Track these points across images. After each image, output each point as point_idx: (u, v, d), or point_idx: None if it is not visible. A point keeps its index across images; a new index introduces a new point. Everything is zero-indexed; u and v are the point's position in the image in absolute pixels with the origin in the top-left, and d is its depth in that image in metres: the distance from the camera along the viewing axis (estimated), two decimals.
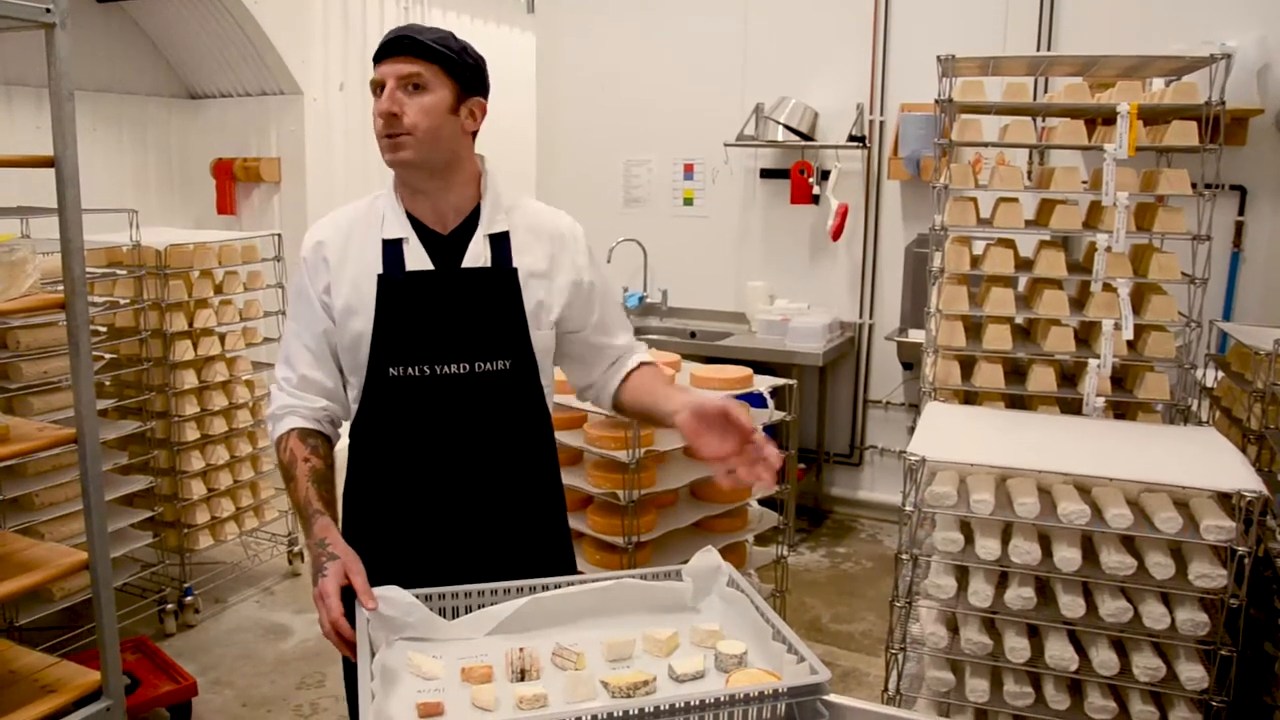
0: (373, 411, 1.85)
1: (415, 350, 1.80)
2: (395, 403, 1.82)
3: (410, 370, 1.80)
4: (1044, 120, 3.58)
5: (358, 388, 1.86)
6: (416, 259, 1.82)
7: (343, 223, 1.88)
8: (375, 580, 1.65)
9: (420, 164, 1.78)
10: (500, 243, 1.85)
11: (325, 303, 1.84)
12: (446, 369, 1.81)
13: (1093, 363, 2.85)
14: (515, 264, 1.85)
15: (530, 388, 1.88)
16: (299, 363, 1.87)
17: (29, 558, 2.45)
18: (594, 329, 1.96)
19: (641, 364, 1.99)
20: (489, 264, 1.83)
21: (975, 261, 3.07)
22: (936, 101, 3.00)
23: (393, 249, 1.82)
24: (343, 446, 1.93)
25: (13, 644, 2.59)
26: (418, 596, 1.60)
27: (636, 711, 1.29)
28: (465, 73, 1.79)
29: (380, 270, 1.81)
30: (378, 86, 1.76)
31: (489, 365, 1.82)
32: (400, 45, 1.74)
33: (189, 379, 3.93)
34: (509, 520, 1.91)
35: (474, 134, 1.85)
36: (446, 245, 1.84)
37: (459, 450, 1.84)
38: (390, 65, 1.74)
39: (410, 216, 1.84)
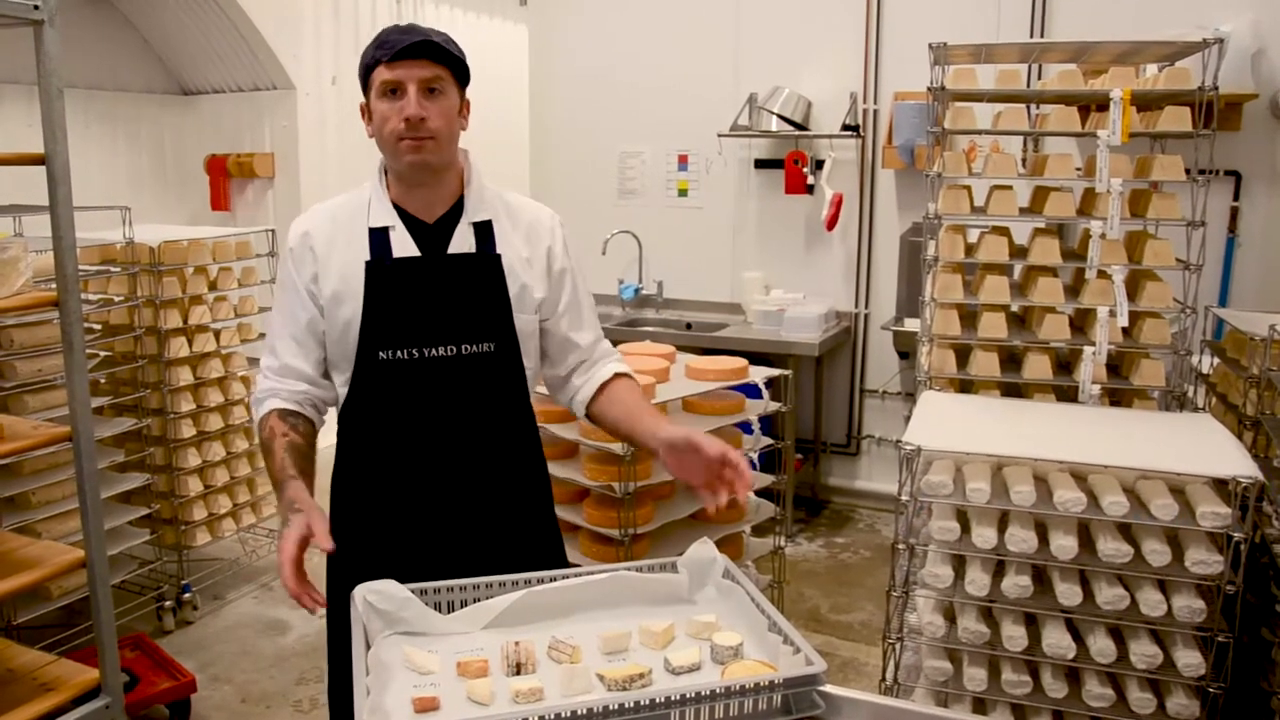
0: (362, 396, 1.89)
1: (404, 334, 1.84)
2: (385, 386, 1.86)
3: (399, 353, 1.84)
4: (1037, 107, 3.57)
5: (346, 374, 1.89)
6: (403, 246, 1.86)
7: (328, 214, 1.92)
8: (365, 566, 1.65)
9: (436, 164, 1.84)
10: (484, 230, 1.90)
11: (312, 292, 1.88)
12: (434, 351, 1.85)
13: (1088, 350, 2.85)
14: (499, 250, 1.90)
15: (513, 370, 1.93)
16: (283, 352, 1.91)
17: (26, 556, 2.45)
18: (561, 319, 1.99)
19: (617, 375, 2.01)
20: (474, 250, 1.88)
21: (970, 250, 3.07)
22: (929, 89, 2.99)
23: (380, 236, 1.86)
24: (331, 437, 1.95)
25: (11, 642, 2.60)
26: (413, 591, 1.60)
27: (632, 704, 1.29)
28: (465, 73, 1.87)
29: (368, 257, 1.85)
30: (390, 87, 1.78)
31: (474, 347, 1.87)
32: (421, 49, 1.77)
33: (184, 376, 3.92)
34: (496, 500, 1.95)
35: None
36: (432, 233, 1.88)
37: (446, 431, 1.88)
38: (409, 68, 1.77)
39: (396, 206, 1.88)
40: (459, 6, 6.75)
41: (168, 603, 3.95)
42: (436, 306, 1.85)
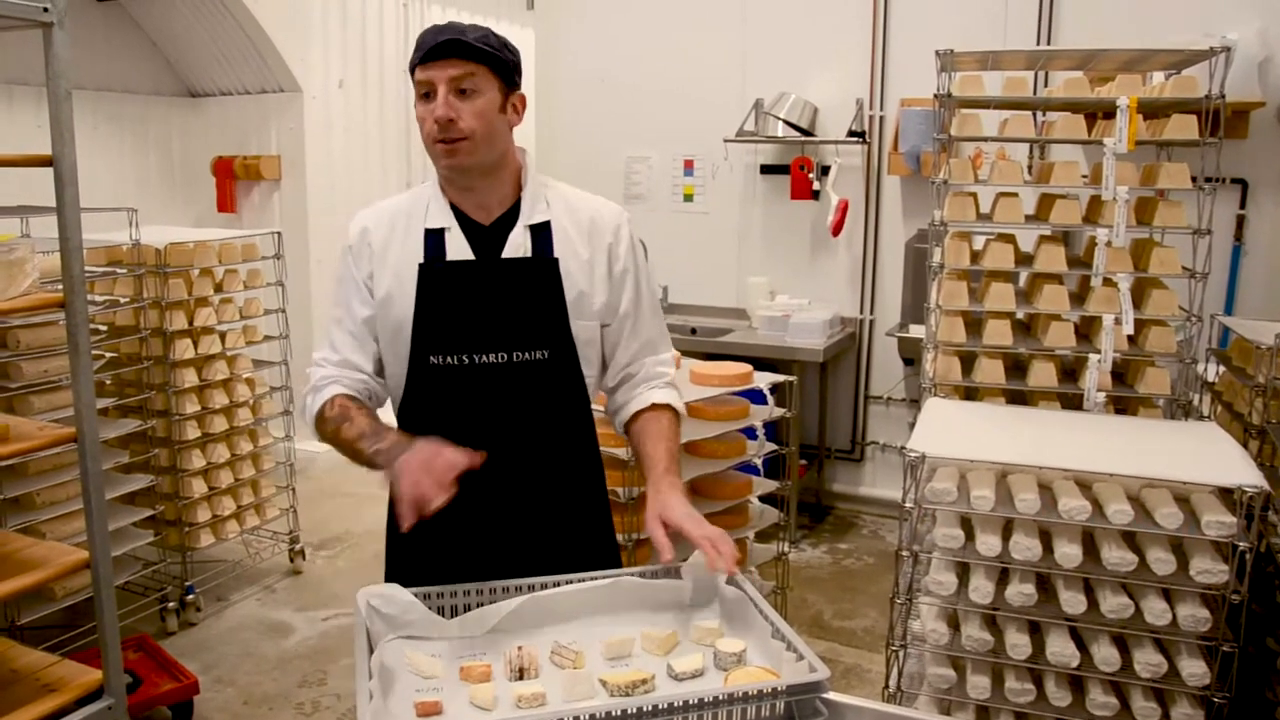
0: (416, 399, 1.87)
1: (454, 339, 1.81)
2: (436, 391, 1.83)
3: (450, 359, 1.82)
4: (1044, 115, 3.57)
5: (400, 376, 1.87)
6: (458, 248, 1.83)
7: (387, 211, 1.90)
8: (424, 569, 1.65)
9: (474, 167, 1.80)
10: (541, 233, 1.86)
11: (369, 288, 1.86)
12: (485, 358, 1.82)
13: (1093, 358, 2.84)
14: (556, 254, 1.85)
15: (570, 378, 1.88)
16: (341, 347, 1.88)
17: (30, 557, 2.45)
18: (621, 323, 1.93)
19: (655, 405, 1.94)
20: (529, 254, 1.84)
21: (975, 257, 3.07)
22: (935, 96, 2.99)
23: (435, 238, 1.83)
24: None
25: (14, 643, 2.59)
26: (417, 595, 1.60)
27: (635, 710, 1.29)
28: (509, 69, 1.82)
29: (422, 259, 1.82)
30: (424, 89, 1.75)
31: (527, 355, 1.83)
32: (449, 48, 1.73)
33: (189, 377, 3.93)
34: (551, 509, 1.90)
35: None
36: (488, 235, 1.85)
37: (499, 439, 1.83)
38: (439, 68, 1.73)
39: (454, 207, 1.86)
40: (465, 10, 6.76)
41: (171, 604, 3.95)
42: (487, 312, 1.81)
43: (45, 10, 2.14)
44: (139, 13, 5.59)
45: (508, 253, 1.83)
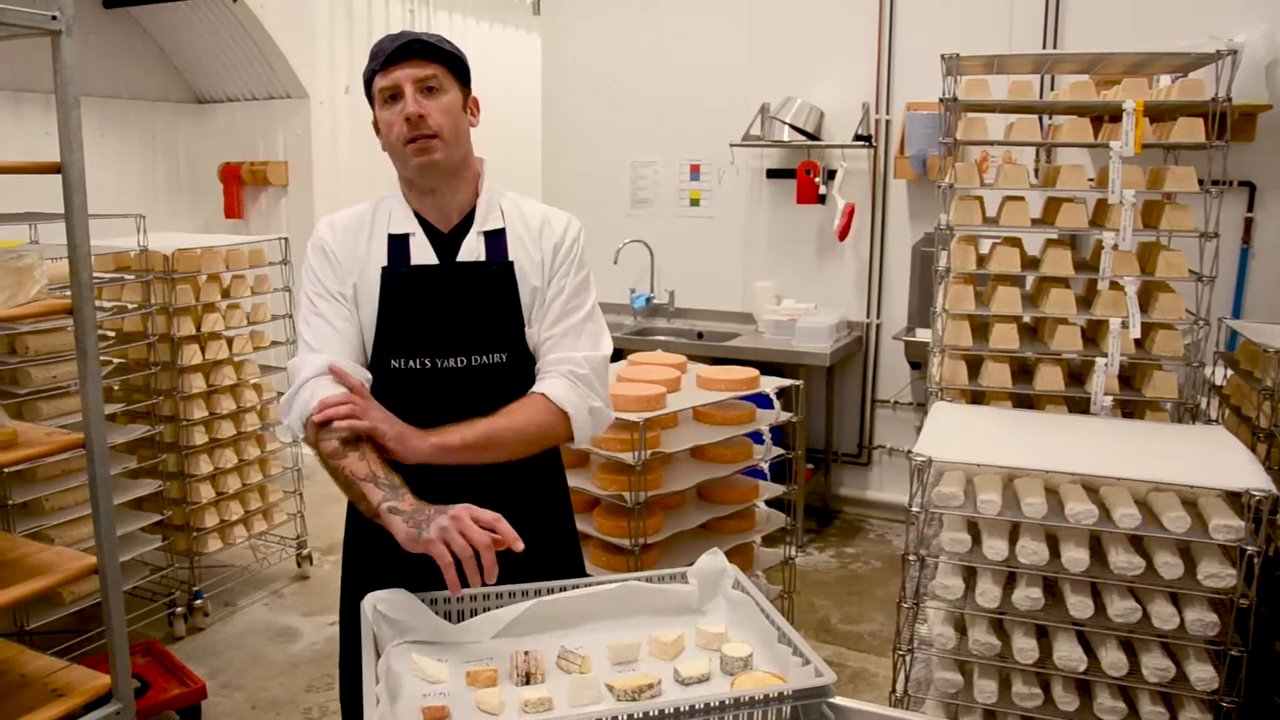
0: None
1: (416, 343, 1.83)
2: (397, 395, 1.83)
3: (411, 363, 1.83)
4: (1050, 118, 3.56)
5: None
6: (422, 253, 1.85)
7: (351, 219, 1.91)
8: (381, 575, 1.65)
9: (444, 164, 1.81)
10: (495, 238, 1.87)
11: (340, 293, 1.85)
12: (446, 363, 1.83)
13: (1100, 361, 2.84)
14: (511, 257, 1.87)
15: (528, 380, 1.88)
16: (335, 331, 1.83)
17: (39, 562, 2.46)
18: (545, 313, 1.89)
19: (531, 393, 1.87)
20: (483, 258, 1.85)
21: (981, 260, 3.07)
22: (941, 100, 2.99)
23: (399, 243, 1.85)
24: None
25: (23, 648, 2.60)
26: (423, 600, 1.60)
27: (641, 715, 1.29)
28: (466, 71, 1.86)
29: (385, 263, 1.84)
30: (389, 93, 1.77)
31: (485, 359, 1.85)
32: (412, 49, 1.76)
33: (197, 383, 3.94)
34: (512, 512, 1.89)
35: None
36: (447, 241, 1.87)
37: None
38: (405, 70, 1.76)
39: (416, 214, 1.87)
40: (472, 15, 6.78)
41: (179, 609, 3.96)
42: (446, 316, 1.83)
43: (54, 19, 2.15)
44: (146, 20, 5.62)
45: (462, 256, 1.85)
